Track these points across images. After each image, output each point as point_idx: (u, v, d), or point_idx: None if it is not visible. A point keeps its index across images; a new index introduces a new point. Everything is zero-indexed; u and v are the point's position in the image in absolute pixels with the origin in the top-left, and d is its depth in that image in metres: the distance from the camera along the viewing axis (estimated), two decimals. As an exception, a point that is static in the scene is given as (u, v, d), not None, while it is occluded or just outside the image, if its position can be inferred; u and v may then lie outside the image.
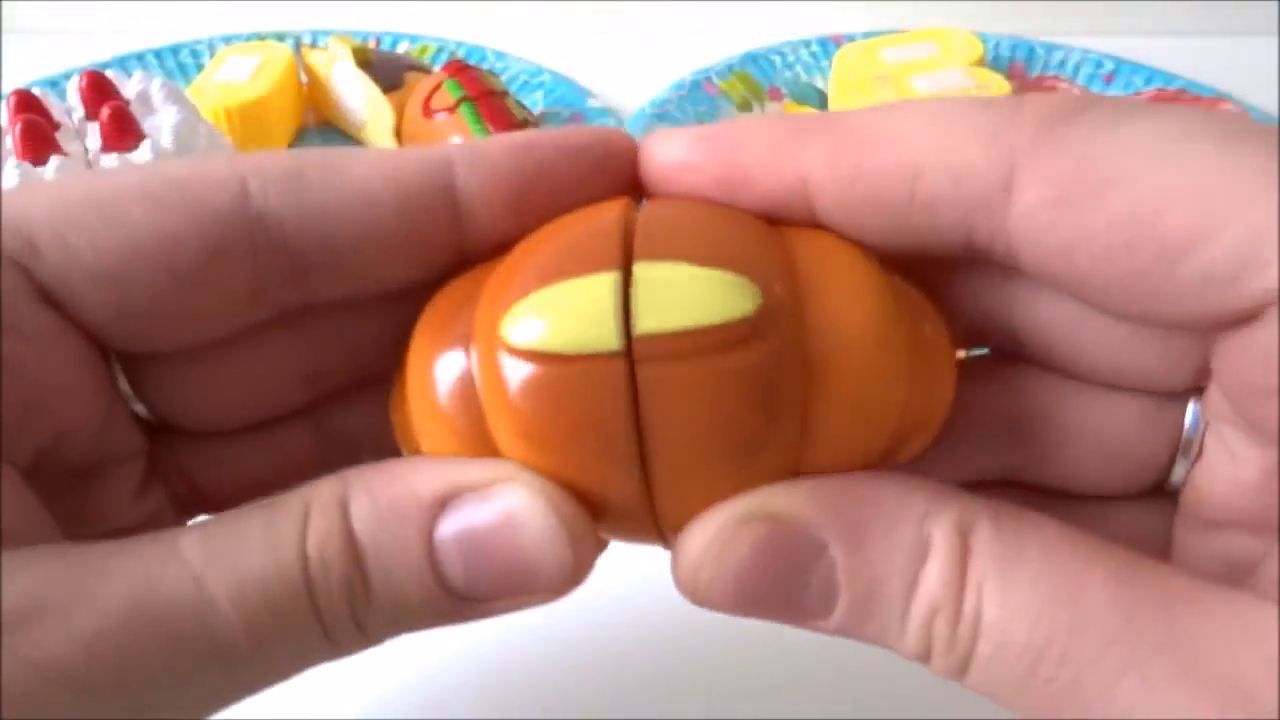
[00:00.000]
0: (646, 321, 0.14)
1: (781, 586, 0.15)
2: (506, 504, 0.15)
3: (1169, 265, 0.14)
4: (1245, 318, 0.14)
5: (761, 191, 0.16)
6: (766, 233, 0.16)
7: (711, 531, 0.15)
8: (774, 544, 0.15)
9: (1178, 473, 0.17)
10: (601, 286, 0.14)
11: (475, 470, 0.15)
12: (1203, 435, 0.17)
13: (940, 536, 0.14)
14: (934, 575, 0.14)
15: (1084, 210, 0.14)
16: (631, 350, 0.14)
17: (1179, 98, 0.54)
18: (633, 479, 0.15)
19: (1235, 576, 0.16)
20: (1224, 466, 0.16)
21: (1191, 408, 0.17)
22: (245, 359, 0.18)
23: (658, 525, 0.16)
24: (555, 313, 0.14)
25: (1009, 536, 0.14)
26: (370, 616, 0.15)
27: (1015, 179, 0.14)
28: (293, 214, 0.16)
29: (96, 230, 0.16)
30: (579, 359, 0.14)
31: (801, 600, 0.15)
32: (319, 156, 0.17)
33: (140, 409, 0.18)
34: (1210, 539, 0.17)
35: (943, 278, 0.17)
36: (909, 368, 0.15)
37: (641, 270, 0.14)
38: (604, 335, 0.14)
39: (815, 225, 0.16)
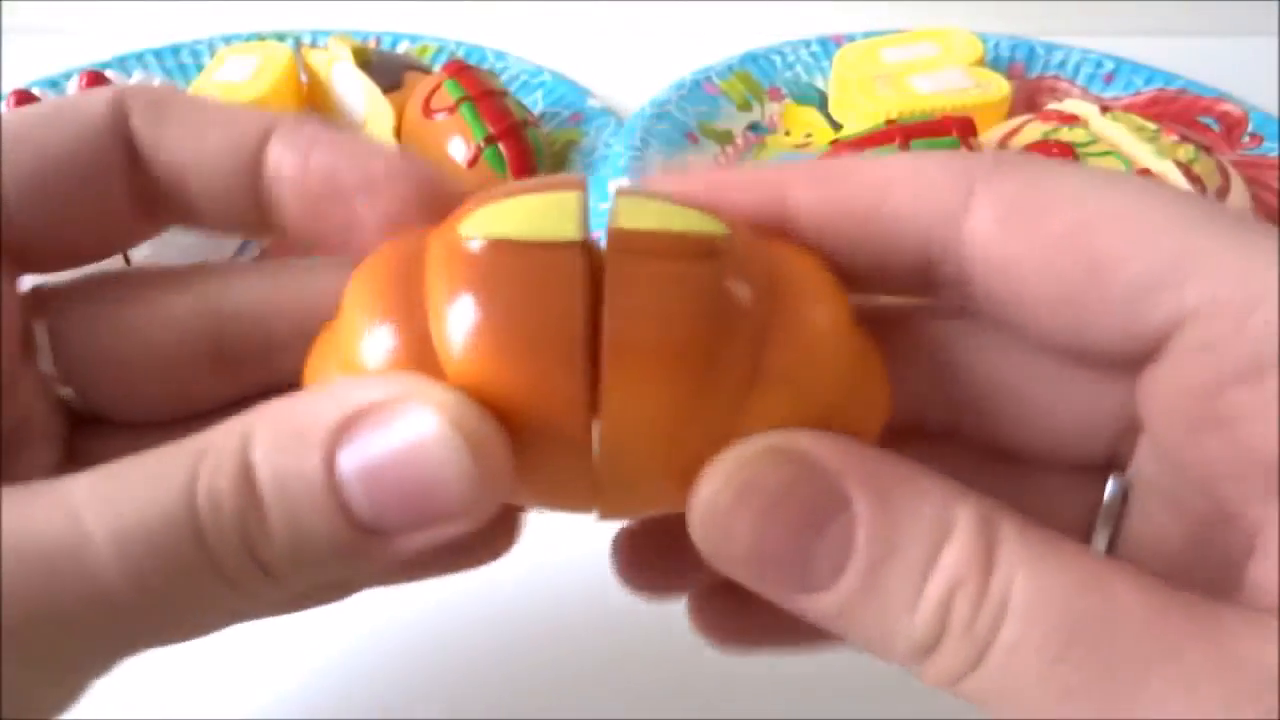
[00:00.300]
0: (621, 220, 0.15)
1: (798, 538, 0.14)
2: (408, 428, 0.14)
3: (1097, 279, 0.15)
4: (1162, 338, 0.15)
5: (743, 200, 0.17)
6: (746, 223, 0.16)
7: (736, 463, 0.14)
8: (800, 487, 0.14)
9: (1097, 543, 0.18)
10: (567, 197, 0.15)
11: (378, 387, 0.15)
12: (1124, 504, 0.18)
13: (965, 519, 0.14)
14: (958, 552, 0.14)
15: (1028, 228, 0.16)
16: (599, 254, 0.15)
17: (1179, 98, 0.54)
18: (576, 383, 0.14)
19: None
20: (1149, 540, 0.17)
21: (1111, 484, 0.18)
22: (153, 322, 0.19)
23: (591, 456, 0.15)
24: (517, 212, 0.15)
25: (1032, 531, 0.14)
26: (272, 555, 0.14)
27: (971, 201, 0.16)
28: (151, 137, 0.18)
29: (13, 152, 0.17)
30: (536, 246, 0.14)
31: (811, 559, 0.14)
32: (188, 99, 0.19)
33: (67, 392, 0.19)
34: None
35: (897, 331, 0.18)
36: (850, 363, 0.16)
37: (619, 198, 0.15)
38: (566, 227, 0.14)
39: (793, 242, 0.17)
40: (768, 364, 0.15)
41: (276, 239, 0.19)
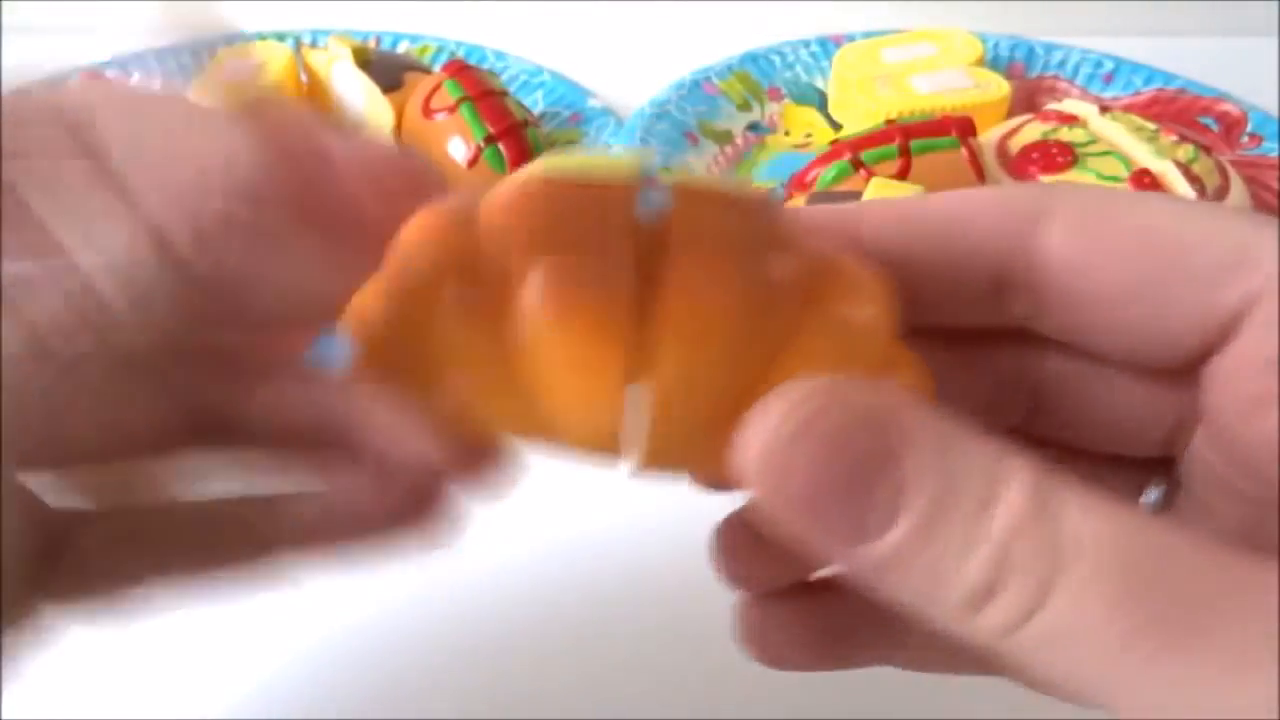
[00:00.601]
0: (682, 178, 0.16)
1: (856, 478, 0.14)
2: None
3: (1172, 264, 0.16)
4: (1234, 320, 0.16)
5: (818, 234, 0.18)
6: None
7: (800, 395, 0.14)
8: (861, 424, 0.14)
9: None
10: (627, 159, 0.16)
11: None
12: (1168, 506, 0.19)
13: (1020, 468, 0.14)
14: (1016, 497, 0.14)
15: (1103, 230, 0.17)
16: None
17: (1178, 98, 0.54)
18: (622, 322, 0.15)
19: None
20: (1202, 523, 0.18)
21: (1153, 492, 0.19)
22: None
23: (624, 397, 0.15)
24: (578, 161, 0.16)
25: (1082, 484, 0.14)
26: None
27: (1043, 217, 0.17)
28: (121, 137, 0.18)
29: None
30: (595, 183, 0.15)
31: (870, 498, 0.14)
32: (161, 99, 0.19)
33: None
34: None
35: (958, 344, 0.19)
36: (890, 332, 0.16)
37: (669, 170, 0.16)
38: (625, 172, 0.16)
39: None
40: (815, 315, 0.16)
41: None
